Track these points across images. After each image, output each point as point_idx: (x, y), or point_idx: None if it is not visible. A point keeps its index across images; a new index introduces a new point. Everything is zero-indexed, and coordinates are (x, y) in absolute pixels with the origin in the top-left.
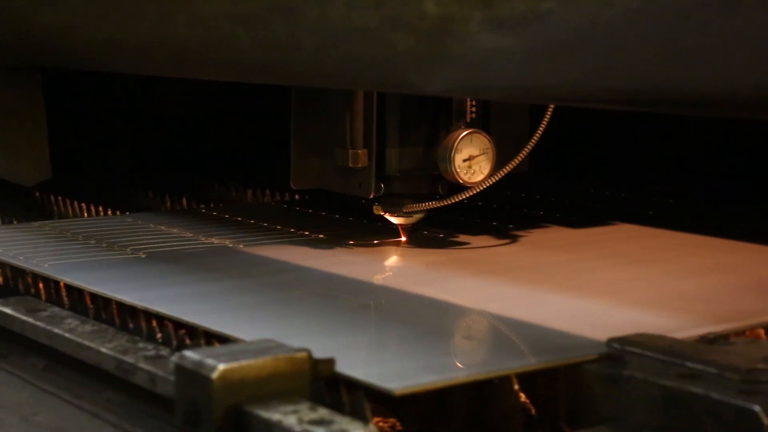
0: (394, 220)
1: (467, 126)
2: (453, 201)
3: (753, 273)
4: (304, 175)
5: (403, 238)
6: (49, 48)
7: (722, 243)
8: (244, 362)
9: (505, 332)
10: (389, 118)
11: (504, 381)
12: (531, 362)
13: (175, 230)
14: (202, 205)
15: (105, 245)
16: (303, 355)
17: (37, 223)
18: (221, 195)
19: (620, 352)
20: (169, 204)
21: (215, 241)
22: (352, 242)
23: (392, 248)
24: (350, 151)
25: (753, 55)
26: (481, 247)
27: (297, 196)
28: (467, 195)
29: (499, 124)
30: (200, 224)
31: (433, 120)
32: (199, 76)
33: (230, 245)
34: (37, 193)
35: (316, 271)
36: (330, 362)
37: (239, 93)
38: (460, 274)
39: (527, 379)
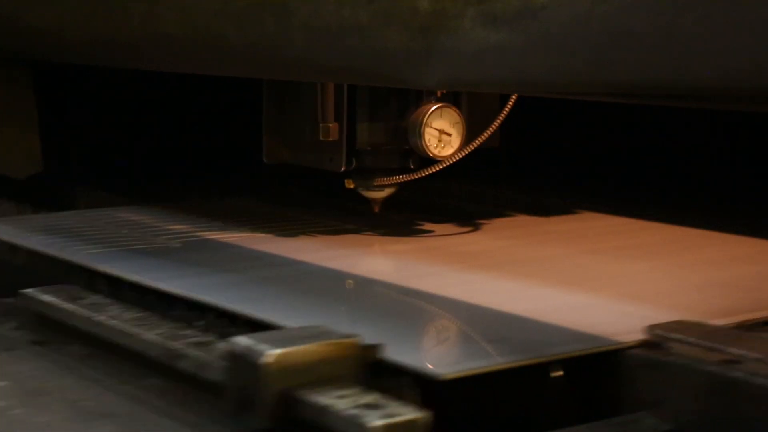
0: (366, 194)
1: (437, 100)
2: (423, 174)
3: None
4: (276, 151)
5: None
6: (40, 44)
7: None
8: (294, 348)
9: (544, 321)
10: (360, 92)
11: (546, 367)
12: (574, 348)
13: (203, 220)
14: (228, 198)
15: (137, 235)
16: (352, 340)
17: (67, 213)
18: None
19: (661, 339)
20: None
21: (247, 232)
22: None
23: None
24: (321, 125)
25: (751, 46)
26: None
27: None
28: (437, 168)
29: (469, 99)
30: (229, 215)
31: (403, 94)
32: (190, 71)
33: (263, 235)
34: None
35: (356, 261)
36: (377, 348)
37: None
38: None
39: (569, 365)
